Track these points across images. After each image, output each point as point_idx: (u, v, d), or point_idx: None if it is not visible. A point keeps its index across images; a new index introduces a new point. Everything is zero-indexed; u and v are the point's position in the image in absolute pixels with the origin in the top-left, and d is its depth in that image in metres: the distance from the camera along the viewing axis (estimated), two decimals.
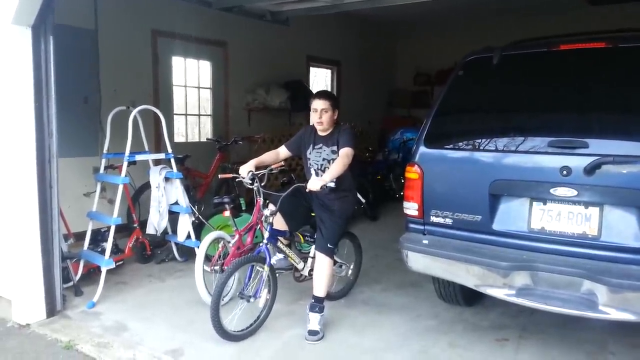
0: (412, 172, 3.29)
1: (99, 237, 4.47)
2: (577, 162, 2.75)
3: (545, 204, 2.89)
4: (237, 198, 4.98)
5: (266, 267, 3.34)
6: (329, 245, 3.47)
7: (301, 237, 3.82)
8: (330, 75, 9.87)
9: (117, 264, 4.29)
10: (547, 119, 3.10)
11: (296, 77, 8.36)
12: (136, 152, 4.42)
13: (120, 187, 4.20)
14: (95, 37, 5.65)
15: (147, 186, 4.91)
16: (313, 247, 3.76)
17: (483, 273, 2.92)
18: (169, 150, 4.64)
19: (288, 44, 8.23)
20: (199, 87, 7.20)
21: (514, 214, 2.97)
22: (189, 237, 4.62)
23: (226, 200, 4.20)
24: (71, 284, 4.03)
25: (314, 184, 3.22)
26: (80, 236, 4.51)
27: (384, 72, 10.88)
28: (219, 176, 4.80)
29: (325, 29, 8.86)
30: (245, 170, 3.55)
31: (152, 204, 4.61)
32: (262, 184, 3.64)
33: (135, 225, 4.73)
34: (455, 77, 3.39)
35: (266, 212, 3.42)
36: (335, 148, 3.52)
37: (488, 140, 3.17)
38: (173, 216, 4.73)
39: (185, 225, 4.60)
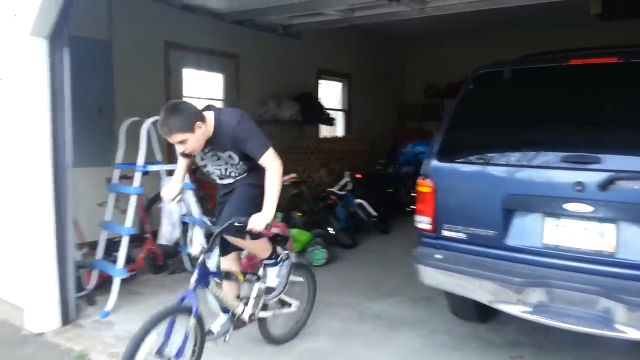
0: (425, 186, 3.29)
1: (111, 247, 4.50)
2: (590, 178, 2.72)
3: (559, 219, 2.87)
4: None
5: (192, 320, 2.61)
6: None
7: (240, 276, 3.13)
8: (341, 88, 9.94)
9: (130, 273, 4.31)
10: (559, 133, 3.09)
11: (307, 89, 8.41)
12: (149, 162, 4.46)
13: (133, 198, 4.23)
14: (110, 49, 5.73)
15: (159, 197, 4.94)
16: (255, 285, 3.18)
17: (496, 289, 2.90)
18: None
19: (299, 56, 8.30)
20: (210, 99, 7.28)
21: (527, 229, 2.95)
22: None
23: None
24: (84, 293, 4.05)
25: (258, 221, 2.65)
26: (93, 246, 4.54)
27: (394, 84, 10.92)
28: None
29: (335, 42, 8.93)
30: (171, 193, 3.03)
31: (165, 215, 4.64)
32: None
33: (147, 235, 4.76)
34: (466, 90, 3.39)
35: (193, 249, 2.81)
36: (233, 154, 2.83)
37: (500, 154, 3.16)
38: (184, 227, 4.75)
39: (197, 236, 4.60)
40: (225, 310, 3.10)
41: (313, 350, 3.40)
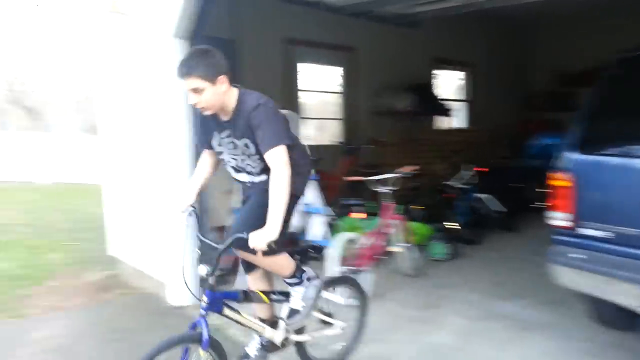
0: (562, 180, 3.04)
1: None
2: None
3: None
4: (367, 201, 5.01)
5: (202, 352, 2.27)
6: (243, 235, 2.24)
7: (260, 294, 2.64)
8: (462, 77, 9.55)
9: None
10: None
11: (422, 80, 8.21)
12: None
13: None
14: (233, 47, 6.08)
15: None
16: (284, 305, 2.72)
17: None
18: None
19: (415, 46, 8.12)
20: (326, 92, 7.42)
21: None
22: (322, 236, 4.76)
23: (355, 202, 4.25)
24: (218, 273, 4.36)
25: (258, 239, 2.17)
26: (223, 230, 4.87)
27: (520, 73, 10.23)
28: (347, 179, 4.88)
29: (457, 30, 8.57)
30: (181, 203, 2.58)
31: None
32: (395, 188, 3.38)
33: None
34: (606, 77, 3.10)
35: (200, 270, 2.31)
36: (249, 142, 2.43)
37: None
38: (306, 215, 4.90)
39: (318, 225, 4.75)
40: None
41: (435, 344, 3.33)
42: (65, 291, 4.68)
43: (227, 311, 2.46)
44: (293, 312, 2.67)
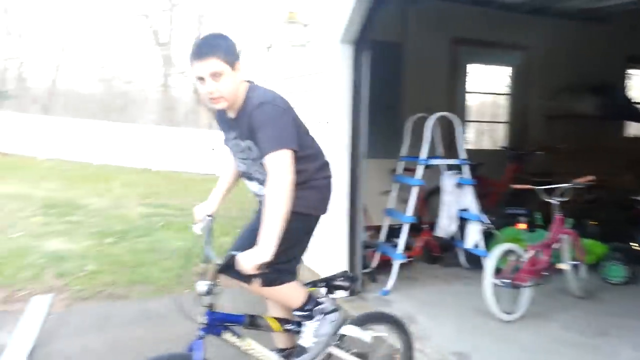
0: None
1: (393, 232, 4.84)
2: None
3: None
4: (533, 211, 4.65)
5: None
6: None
7: (274, 324, 2.23)
8: None
9: (408, 259, 4.57)
10: None
11: (609, 80, 7.27)
12: (431, 157, 4.60)
13: (415, 189, 4.45)
14: (401, 50, 6.12)
15: (437, 190, 5.07)
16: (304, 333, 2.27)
17: None
18: (464, 156, 4.68)
19: (603, 43, 7.20)
20: (493, 94, 7.03)
21: None
22: (477, 245, 4.56)
23: (520, 212, 3.98)
24: (367, 270, 4.49)
25: (246, 260, 1.85)
26: (375, 229, 4.97)
27: None
28: (512, 187, 4.58)
29: None
30: (200, 213, 2.39)
31: (442, 208, 4.74)
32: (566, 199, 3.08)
33: (424, 226, 4.94)
34: None
35: (199, 287, 2.00)
36: (252, 145, 2.10)
37: None
38: (462, 222, 4.75)
39: (474, 232, 4.56)
40: None
41: None
42: None
43: (227, 335, 2.10)
44: (301, 351, 2.24)
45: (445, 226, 4.70)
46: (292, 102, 2.18)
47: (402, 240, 4.37)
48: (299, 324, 2.26)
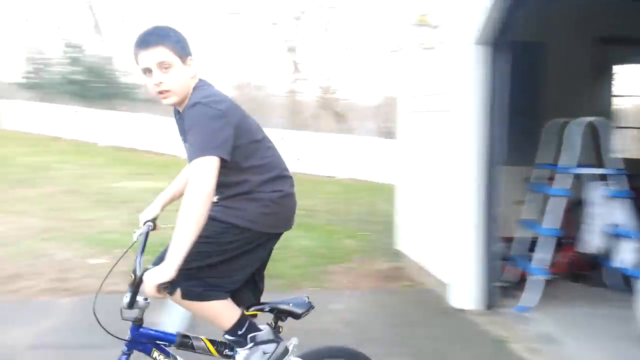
0: None
1: (531, 245, 4.54)
2: None
3: None
4: None
5: None
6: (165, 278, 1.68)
7: (207, 343, 1.98)
8: None
9: (550, 276, 4.26)
10: None
11: None
12: (582, 165, 4.27)
13: (555, 200, 4.14)
14: (543, 51, 5.74)
15: (579, 201, 4.66)
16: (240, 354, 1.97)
17: None
18: (618, 165, 4.26)
19: None
20: None
21: None
22: (629, 265, 4.11)
23: None
24: (501, 284, 4.27)
25: (149, 278, 1.67)
26: (508, 240, 4.70)
27: None
28: None
29: None
30: (142, 218, 2.15)
31: (587, 222, 4.36)
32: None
33: (569, 240, 4.57)
34: None
35: (123, 299, 1.80)
36: (188, 146, 1.91)
37: None
38: (611, 239, 4.31)
39: (626, 250, 4.12)
40: None
41: None
42: (356, 274, 5.28)
43: (155, 354, 1.92)
44: None
45: (591, 242, 4.31)
46: (422, 105, 2.15)
47: (542, 255, 4.09)
48: (231, 350, 1.98)
